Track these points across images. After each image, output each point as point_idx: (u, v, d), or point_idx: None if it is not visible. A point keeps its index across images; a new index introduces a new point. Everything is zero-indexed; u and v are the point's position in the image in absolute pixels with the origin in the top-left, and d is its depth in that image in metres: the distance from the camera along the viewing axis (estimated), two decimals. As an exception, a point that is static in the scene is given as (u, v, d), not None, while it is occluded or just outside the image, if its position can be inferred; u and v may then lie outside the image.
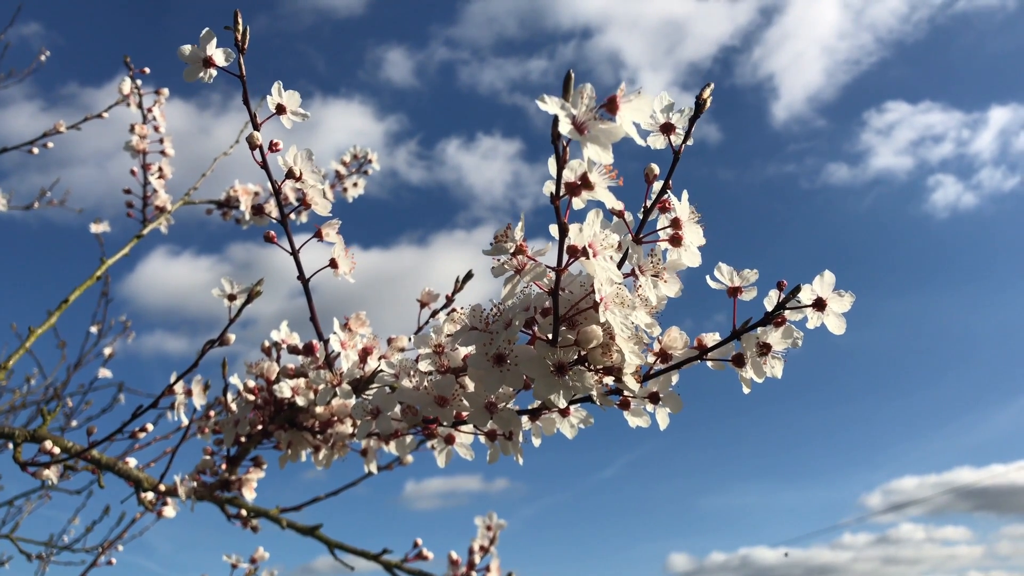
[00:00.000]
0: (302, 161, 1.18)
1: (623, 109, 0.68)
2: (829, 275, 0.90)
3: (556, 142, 0.69)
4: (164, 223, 2.39)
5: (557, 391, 0.84)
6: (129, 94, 2.46)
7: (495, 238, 0.84)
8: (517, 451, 1.04)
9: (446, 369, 0.99)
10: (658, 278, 0.90)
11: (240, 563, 1.72)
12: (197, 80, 1.16)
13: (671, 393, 0.95)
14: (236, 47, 1.14)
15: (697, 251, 0.91)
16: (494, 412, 0.94)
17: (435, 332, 1.02)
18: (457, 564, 1.67)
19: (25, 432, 1.56)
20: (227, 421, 1.44)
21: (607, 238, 0.79)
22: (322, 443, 1.38)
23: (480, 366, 0.89)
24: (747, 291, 0.93)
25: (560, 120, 0.66)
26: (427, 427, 1.12)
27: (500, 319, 0.87)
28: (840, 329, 0.91)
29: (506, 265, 0.85)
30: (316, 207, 1.19)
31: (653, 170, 0.89)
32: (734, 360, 0.92)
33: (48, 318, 1.94)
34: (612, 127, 0.67)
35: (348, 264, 1.22)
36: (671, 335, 0.91)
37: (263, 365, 1.42)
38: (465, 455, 1.13)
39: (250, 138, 1.15)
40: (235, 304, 1.38)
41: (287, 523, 1.69)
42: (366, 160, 2.79)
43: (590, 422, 1.02)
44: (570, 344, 0.85)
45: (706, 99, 0.87)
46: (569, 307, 0.85)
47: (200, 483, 1.60)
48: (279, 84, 1.16)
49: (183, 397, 1.55)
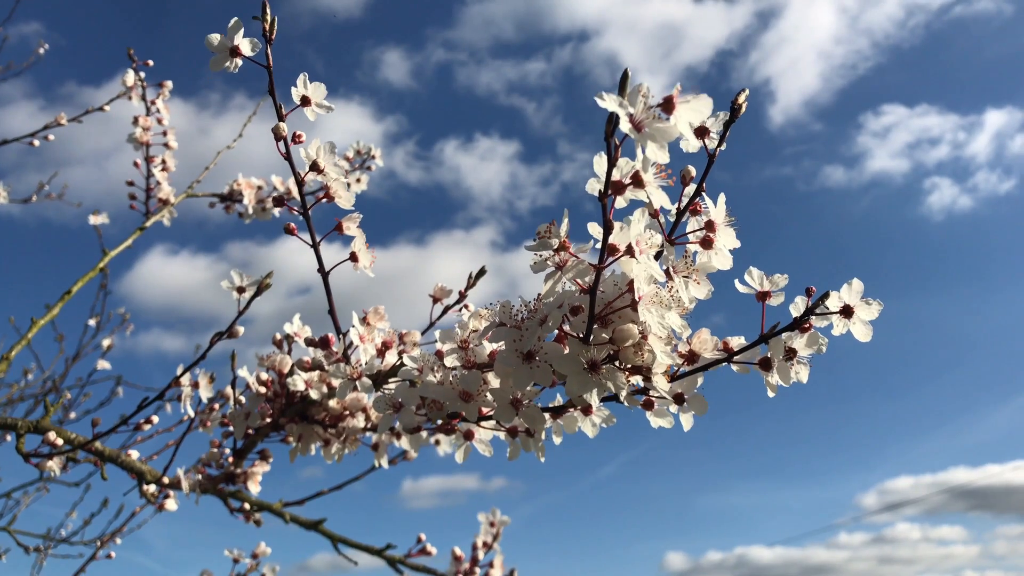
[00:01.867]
0: (325, 154, 1.18)
1: (680, 109, 0.69)
2: (857, 283, 0.91)
3: (609, 139, 0.69)
4: (167, 215, 2.37)
5: (590, 388, 0.84)
6: (132, 87, 2.45)
7: (538, 233, 0.84)
8: (539, 448, 1.05)
9: (472, 364, 0.99)
10: (689, 279, 0.90)
11: (242, 558, 1.71)
12: (222, 69, 1.16)
13: (697, 395, 0.96)
14: (264, 37, 1.14)
15: (729, 254, 0.91)
16: (519, 409, 0.95)
17: (460, 328, 1.02)
18: (461, 560, 1.67)
19: (28, 423, 1.55)
20: (237, 413, 1.44)
21: (652, 238, 0.80)
22: (334, 437, 1.38)
23: (509, 362, 0.90)
24: (776, 296, 0.94)
25: (620, 117, 0.66)
26: (446, 422, 1.13)
27: (535, 316, 0.87)
28: (866, 337, 0.92)
29: (548, 261, 0.86)
30: (339, 200, 1.18)
31: (690, 172, 0.89)
32: (760, 364, 0.93)
33: (49, 310, 1.92)
34: (668, 126, 0.68)
35: (368, 258, 1.22)
36: (701, 337, 0.92)
37: (275, 358, 1.42)
38: (484, 451, 1.13)
39: (276, 129, 1.15)
40: (244, 297, 1.37)
41: (290, 517, 1.68)
42: (369, 156, 2.79)
43: (612, 421, 1.03)
44: (603, 342, 0.85)
45: (741, 104, 0.88)
46: (603, 306, 0.85)
47: (204, 476, 1.59)
48: (304, 76, 1.16)
49: (189, 389, 1.54)
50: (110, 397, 3.44)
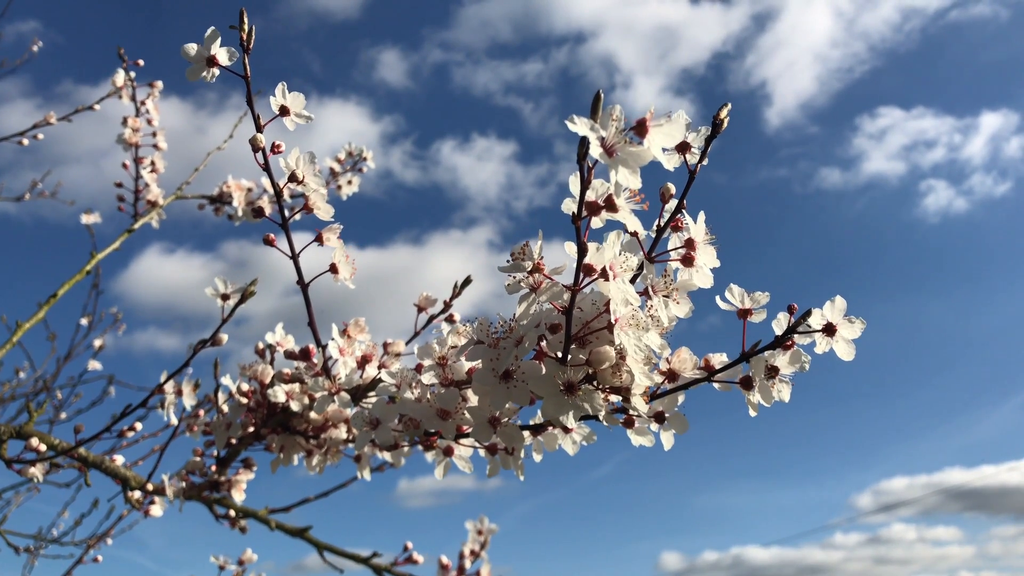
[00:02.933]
0: (304, 164, 1.17)
1: (652, 133, 0.67)
2: (840, 301, 0.89)
3: (582, 162, 0.68)
4: (155, 218, 2.36)
5: (567, 411, 0.83)
6: (122, 86, 2.43)
7: (512, 255, 0.82)
8: (518, 467, 1.03)
9: (449, 382, 0.98)
10: (669, 298, 0.89)
11: (228, 564, 1.70)
12: (199, 79, 1.14)
13: (677, 413, 0.94)
14: (240, 47, 1.12)
15: (710, 272, 0.90)
16: (497, 427, 0.93)
17: (439, 344, 1.00)
18: (447, 569, 1.65)
19: (11, 428, 1.54)
20: (218, 423, 1.42)
21: (627, 260, 0.78)
22: (315, 448, 1.36)
23: (486, 382, 0.88)
24: (757, 313, 0.92)
25: (591, 142, 0.64)
26: (427, 439, 1.11)
27: (511, 336, 0.85)
28: (849, 356, 0.90)
29: (522, 283, 0.84)
30: (318, 211, 1.17)
31: (669, 189, 0.87)
32: (742, 383, 0.92)
33: (37, 311, 1.91)
34: (641, 151, 0.66)
35: (349, 269, 1.20)
36: (680, 356, 0.90)
37: (257, 368, 1.40)
38: (464, 468, 1.12)
39: (253, 140, 1.13)
40: (228, 304, 1.36)
41: (276, 524, 1.67)
42: (361, 158, 2.77)
43: (593, 439, 1.01)
44: (580, 363, 0.84)
45: (723, 119, 0.86)
46: (581, 326, 0.84)
47: (189, 483, 1.58)
48: (283, 85, 1.14)
49: (173, 396, 1.52)
50: (102, 397, 3.43)
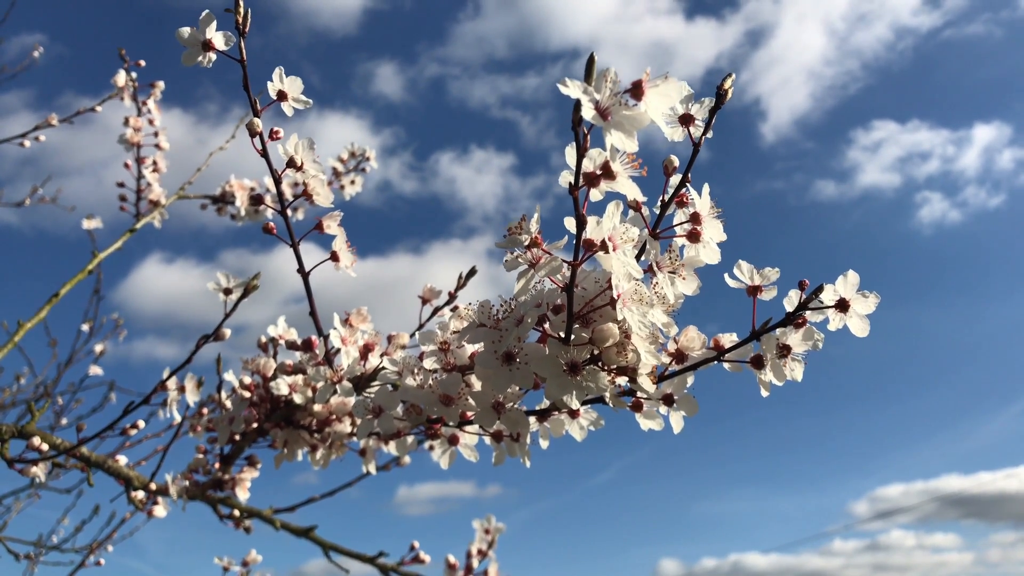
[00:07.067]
0: (303, 150, 1.14)
1: (649, 94, 0.64)
2: (853, 275, 0.86)
3: (576, 128, 0.65)
4: (158, 217, 2.34)
5: (570, 392, 0.80)
6: (124, 87, 2.41)
7: (508, 230, 0.80)
8: (524, 453, 1.01)
9: (452, 367, 0.95)
10: (675, 275, 0.86)
11: (232, 566, 1.68)
12: (195, 64, 1.12)
13: (686, 395, 0.91)
14: (237, 30, 1.10)
15: (717, 247, 0.87)
16: (502, 412, 0.90)
17: (441, 329, 0.98)
18: (455, 568, 1.63)
19: (12, 428, 1.52)
20: (221, 419, 1.40)
21: (627, 232, 0.75)
22: (320, 442, 1.34)
23: (489, 364, 0.86)
24: (767, 290, 0.90)
25: (583, 104, 0.62)
26: (430, 427, 1.09)
27: (511, 316, 0.83)
28: (863, 331, 0.87)
29: (520, 259, 0.81)
30: (318, 198, 1.14)
31: (673, 162, 0.85)
32: (753, 362, 0.89)
33: (38, 311, 1.89)
34: (637, 113, 0.63)
35: (350, 257, 1.18)
36: (688, 335, 0.88)
37: (259, 361, 1.38)
38: (469, 456, 1.09)
39: (250, 125, 1.11)
40: (231, 299, 1.34)
41: (281, 524, 1.64)
42: (364, 158, 2.75)
43: (600, 424, 0.98)
44: (584, 343, 0.81)
45: (728, 89, 0.84)
46: (583, 304, 0.81)
47: (192, 482, 1.56)
48: (280, 70, 1.12)
49: (175, 394, 1.50)
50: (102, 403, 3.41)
